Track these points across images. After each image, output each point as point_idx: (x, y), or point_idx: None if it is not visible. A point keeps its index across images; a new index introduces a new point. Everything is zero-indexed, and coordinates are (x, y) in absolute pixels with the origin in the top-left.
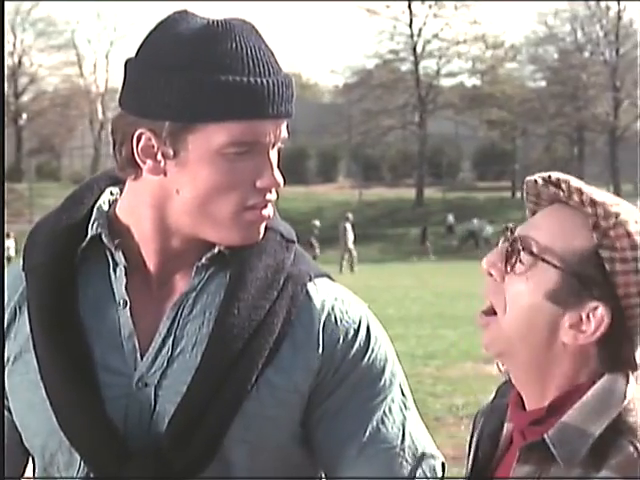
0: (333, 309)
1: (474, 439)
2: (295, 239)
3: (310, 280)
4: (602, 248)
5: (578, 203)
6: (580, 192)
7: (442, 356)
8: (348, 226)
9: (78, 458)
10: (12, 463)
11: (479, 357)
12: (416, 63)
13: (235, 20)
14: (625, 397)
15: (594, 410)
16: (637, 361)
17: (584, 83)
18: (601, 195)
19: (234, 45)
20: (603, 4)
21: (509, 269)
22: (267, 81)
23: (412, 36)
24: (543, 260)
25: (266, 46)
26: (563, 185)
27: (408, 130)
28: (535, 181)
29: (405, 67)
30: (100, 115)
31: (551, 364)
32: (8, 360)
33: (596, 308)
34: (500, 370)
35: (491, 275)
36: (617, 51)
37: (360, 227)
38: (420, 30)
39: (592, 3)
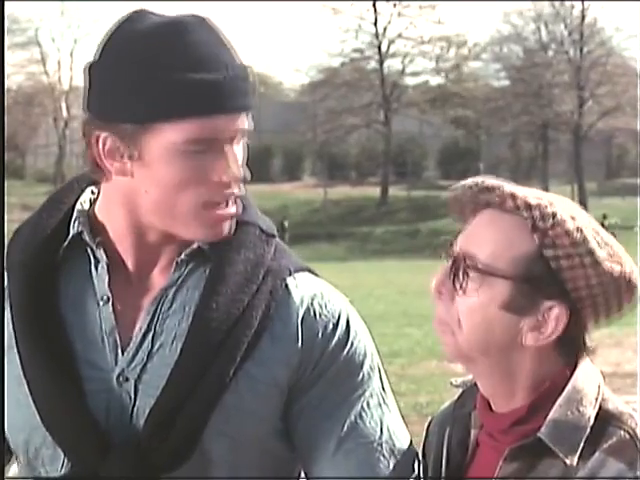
0: (312, 303)
1: (443, 449)
2: (275, 233)
3: (290, 274)
4: (545, 248)
5: (513, 208)
6: (513, 197)
7: (406, 354)
8: None
9: (62, 452)
10: None
11: (444, 355)
12: (381, 62)
13: (186, 16)
14: (599, 387)
15: (578, 404)
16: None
17: (548, 82)
18: (534, 197)
19: (183, 42)
20: (567, 3)
21: (459, 289)
22: (217, 76)
23: (377, 35)
24: (491, 274)
25: (219, 40)
26: (496, 191)
27: (373, 129)
28: (468, 187)
29: (370, 66)
30: (64, 113)
31: (514, 367)
32: None
33: (551, 308)
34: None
35: (440, 294)
36: (581, 50)
37: (325, 226)
38: (385, 29)
39: (556, 2)
